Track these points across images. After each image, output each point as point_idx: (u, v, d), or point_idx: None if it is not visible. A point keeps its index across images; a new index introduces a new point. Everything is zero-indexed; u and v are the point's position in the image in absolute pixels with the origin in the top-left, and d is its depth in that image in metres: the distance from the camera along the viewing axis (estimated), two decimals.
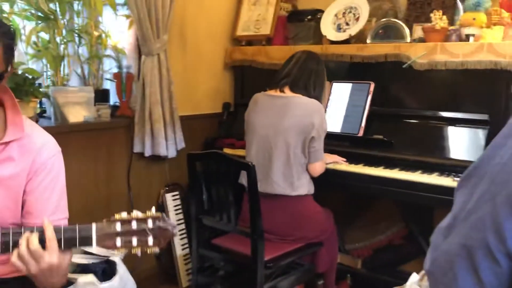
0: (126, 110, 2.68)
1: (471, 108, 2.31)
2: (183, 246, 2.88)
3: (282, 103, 2.26)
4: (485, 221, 0.62)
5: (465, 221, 0.65)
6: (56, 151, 1.46)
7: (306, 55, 2.36)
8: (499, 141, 0.67)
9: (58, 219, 1.43)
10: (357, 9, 2.79)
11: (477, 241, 0.62)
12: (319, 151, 2.23)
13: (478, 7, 2.35)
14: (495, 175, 0.63)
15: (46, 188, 1.42)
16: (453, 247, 0.66)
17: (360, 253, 2.81)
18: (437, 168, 2.28)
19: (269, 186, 2.23)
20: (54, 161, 1.44)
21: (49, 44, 2.52)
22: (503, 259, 0.61)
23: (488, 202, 0.63)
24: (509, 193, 0.60)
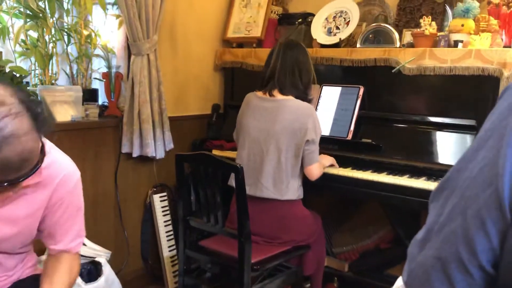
0: (115, 110, 2.66)
1: (459, 114, 2.33)
2: (170, 248, 2.86)
3: (273, 107, 2.25)
4: (457, 234, 0.63)
5: (438, 234, 0.66)
6: (74, 182, 1.37)
7: (284, 45, 2.32)
8: (469, 154, 0.68)
9: (77, 244, 1.43)
10: (347, 13, 2.80)
11: (450, 254, 0.63)
12: (313, 153, 2.22)
13: (466, 14, 2.37)
14: (464, 189, 0.64)
15: (68, 219, 1.38)
16: (428, 260, 0.67)
17: (347, 257, 2.82)
18: (424, 172, 2.29)
19: (258, 189, 2.22)
20: (73, 192, 1.37)
21: (38, 42, 2.50)
22: (476, 271, 0.62)
23: (459, 215, 0.64)
24: (479, 207, 0.61)
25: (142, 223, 2.84)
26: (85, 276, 2.18)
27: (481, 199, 0.61)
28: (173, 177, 2.45)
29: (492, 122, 0.66)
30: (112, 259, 2.39)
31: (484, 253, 0.61)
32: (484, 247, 0.61)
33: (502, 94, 0.68)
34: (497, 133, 0.63)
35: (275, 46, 2.37)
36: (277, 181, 2.21)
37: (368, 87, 2.57)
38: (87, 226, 2.54)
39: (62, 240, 1.39)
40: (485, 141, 0.65)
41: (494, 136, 0.63)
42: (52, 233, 1.38)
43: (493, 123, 0.65)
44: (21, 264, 1.45)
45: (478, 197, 0.62)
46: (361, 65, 2.59)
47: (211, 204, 2.17)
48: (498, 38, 2.31)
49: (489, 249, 0.61)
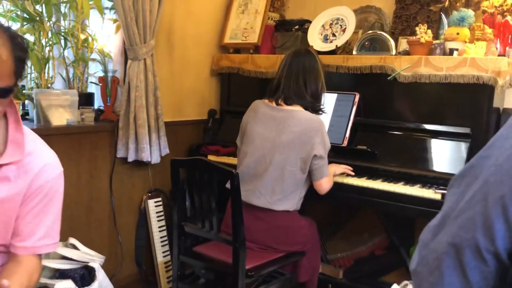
0: (111, 114, 2.66)
1: (454, 121, 2.34)
2: (164, 253, 2.85)
3: (281, 117, 2.22)
4: (475, 220, 0.62)
5: (456, 220, 0.66)
6: (56, 173, 1.38)
7: (291, 55, 2.30)
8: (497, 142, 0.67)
9: (47, 245, 1.38)
10: (344, 20, 2.82)
11: (466, 240, 0.63)
12: (322, 168, 2.19)
13: (462, 22, 2.39)
14: (489, 176, 0.64)
15: (40, 212, 1.35)
16: (441, 246, 0.66)
17: (341, 263, 2.82)
18: (419, 179, 2.30)
19: (255, 197, 2.21)
20: (52, 184, 1.37)
21: (34, 46, 2.50)
22: (491, 259, 0.62)
23: (480, 202, 0.63)
24: (502, 194, 0.61)
25: (136, 228, 2.83)
26: (78, 281, 2.16)
27: (505, 185, 0.61)
28: (168, 182, 2.45)
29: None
30: (106, 264, 2.38)
31: (503, 240, 0.60)
32: (504, 235, 0.60)
33: None
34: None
35: (285, 55, 2.35)
36: (276, 192, 2.19)
37: (364, 94, 2.58)
38: (81, 230, 2.54)
39: (30, 236, 1.34)
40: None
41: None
42: (21, 227, 1.33)
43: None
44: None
45: (502, 184, 0.61)
46: (357, 72, 2.60)
47: (206, 210, 2.17)
48: (492, 46, 2.33)
49: (508, 236, 0.60)
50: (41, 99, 2.37)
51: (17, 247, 1.35)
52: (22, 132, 1.31)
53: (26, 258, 1.36)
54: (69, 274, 2.19)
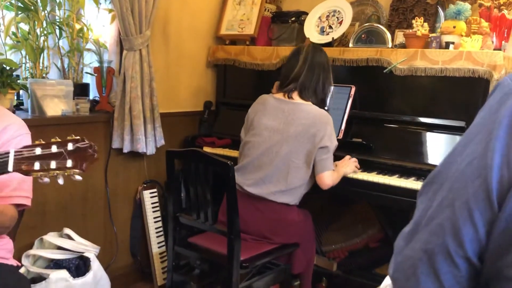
0: (106, 105, 2.65)
1: (449, 115, 2.35)
2: (159, 244, 2.86)
3: (290, 109, 2.23)
4: (444, 226, 0.64)
5: (426, 227, 0.67)
6: (22, 132, 1.44)
7: (313, 49, 2.31)
8: (459, 148, 0.69)
9: (21, 196, 1.44)
10: (340, 12, 2.81)
11: (437, 246, 0.64)
12: (326, 160, 2.18)
13: (458, 16, 2.39)
14: (453, 182, 0.66)
15: None
16: (414, 253, 0.68)
17: (336, 255, 2.83)
18: (414, 172, 2.31)
19: (258, 187, 2.21)
20: (20, 140, 1.42)
21: (29, 35, 2.48)
22: (462, 263, 0.63)
23: (447, 207, 0.65)
24: (467, 198, 0.62)
25: (131, 219, 2.84)
26: (73, 271, 2.17)
27: (469, 190, 0.62)
28: (164, 173, 2.45)
29: (481, 117, 0.67)
30: (101, 254, 2.38)
31: (471, 244, 0.62)
32: (471, 238, 0.62)
33: (493, 91, 0.69)
34: (486, 127, 0.64)
35: (299, 49, 2.33)
36: (280, 183, 2.19)
37: (360, 87, 2.58)
38: (76, 220, 2.54)
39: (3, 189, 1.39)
40: (475, 135, 0.66)
41: (484, 130, 0.65)
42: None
43: (482, 118, 0.67)
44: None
45: (466, 188, 0.63)
46: (353, 64, 2.60)
47: (201, 201, 2.17)
48: (488, 40, 2.33)
49: (476, 239, 0.62)
50: (36, 89, 2.36)
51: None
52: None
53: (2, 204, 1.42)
54: (64, 264, 2.20)
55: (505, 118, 0.61)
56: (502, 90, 0.65)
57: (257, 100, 2.38)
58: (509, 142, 0.60)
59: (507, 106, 0.62)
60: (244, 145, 2.35)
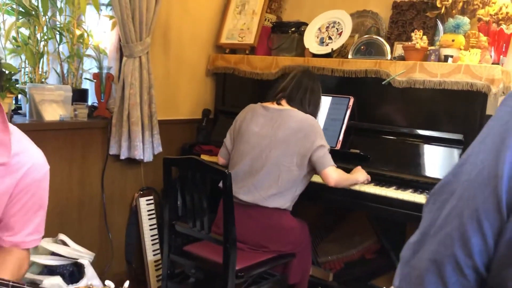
0: (104, 111, 2.65)
1: (447, 128, 2.36)
2: (154, 252, 2.84)
3: (278, 115, 2.26)
4: (453, 236, 0.64)
5: (434, 237, 0.67)
6: (43, 173, 1.37)
7: (301, 72, 2.40)
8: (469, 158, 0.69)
9: (35, 239, 1.40)
10: (340, 24, 2.83)
11: (446, 256, 0.64)
12: (324, 158, 2.17)
13: (457, 29, 2.41)
14: (463, 191, 0.65)
15: (29, 210, 1.36)
16: (422, 263, 0.67)
17: (332, 266, 2.82)
18: (411, 184, 2.31)
19: (250, 194, 2.22)
20: (40, 183, 1.36)
21: (29, 40, 2.48)
22: (471, 274, 0.63)
23: (456, 217, 0.64)
24: (476, 208, 0.62)
25: (127, 226, 2.82)
26: (67, 278, 2.15)
27: (478, 199, 0.62)
28: (161, 180, 2.44)
29: (492, 126, 0.67)
30: (96, 261, 2.36)
31: (480, 254, 0.62)
32: (480, 248, 0.62)
33: (504, 101, 0.69)
34: (497, 137, 0.64)
35: (292, 71, 2.45)
36: (272, 187, 2.20)
37: (358, 98, 2.59)
38: (72, 226, 2.52)
39: (20, 232, 1.36)
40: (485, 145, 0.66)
41: (495, 140, 0.64)
42: (12, 224, 1.34)
43: (493, 128, 0.67)
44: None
45: (475, 198, 0.62)
46: (352, 76, 2.61)
47: (198, 209, 2.16)
48: (487, 54, 2.35)
49: (485, 250, 0.62)
50: (35, 94, 2.35)
51: (6, 241, 1.36)
52: (8, 133, 1.28)
53: (15, 250, 1.38)
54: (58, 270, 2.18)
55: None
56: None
57: (244, 109, 2.41)
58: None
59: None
60: (234, 153, 2.36)
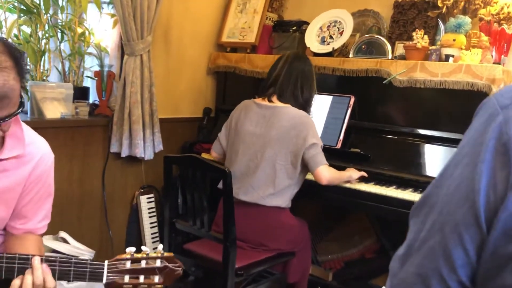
0: (105, 109, 2.65)
1: (447, 127, 2.35)
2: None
3: (271, 113, 2.25)
4: (436, 250, 0.65)
5: (419, 251, 0.68)
6: (51, 162, 1.44)
7: (292, 56, 2.33)
8: (447, 171, 0.69)
9: (44, 225, 1.47)
10: (341, 23, 2.83)
11: (431, 270, 0.65)
12: (317, 156, 2.16)
13: (458, 29, 2.41)
14: (443, 206, 0.66)
15: (40, 199, 1.42)
16: (409, 277, 0.68)
17: (332, 265, 2.82)
18: (411, 184, 2.31)
19: (249, 194, 2.22)
20: (49, 172, 1.43)
21: (31, 38, 2.49)
22: (456, 286, 0.63)
23: (438, 232, 0.65)
24: (456, 222, 0.63)
25: (127, 223, 2.83)
26: None
27: (458, 214, 0.62)
28: (161, 178, 2.44)
29: (468, 139, 0.67)
30: (96, 258, 2.37)
31: (463, 268, 0.62)
32: (463, 262, 0.62)
33: (478, 111, 0.69)
34: (473, 150, 0.64)
35: (282, 56, 2.37)
36: (269, 187, 2.20)
37: (359, 97, 2.59)
38: (72, 224, 2.53)
39: (32, 219, 1.41)
40: (462, 158, 0.66)
41: (470, 153, 0.64)
42: (24, 212, 1.39)
43: (469, 140, 0.66)
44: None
45: (455, 213, 0.63)
46: (353, 75, 2.61)
47: (198, 207, 2.17)
48: (488, 54, 2.35)
49: (468, 263, 0.62)
50: (36, 92, 2.36)
51: (19, 229, 1.41)
52: (20, 125, 1.33)
53: (30, 235, 1.43)
54: None
55: (491, 141, 0.61)
56: (488, 110, 0.65)
57: (238, 106, 2.40)
58: (495, 165, 0.60)
59: (493, 128, 0.62)
60: (229, 152, 2.36)
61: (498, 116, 0.62)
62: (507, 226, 0.57)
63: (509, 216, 0.57)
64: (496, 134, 0.61)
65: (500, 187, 0.59)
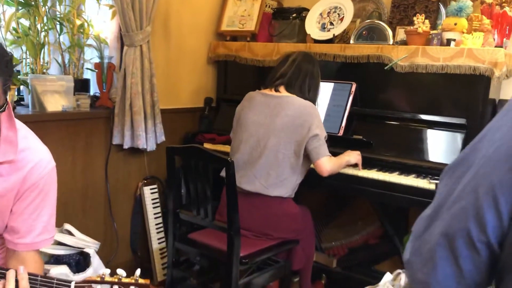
0: (106, 101, 2.65)
1: (450, 112, 2.35)
2: (159, 240, 2.86)
3: (276, 102, 2.24)
4: (467, 211, 0.63)
5: (449, 211, 0.67)
6: (49, 169, 1.36)
7: (302, 56, 2.35)
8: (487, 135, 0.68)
9: (45, 240, 1.39)
10: (341, 9, 2.80)
11: (459, 230, 0.64)
12: (320, 148, 2.17)
13: (460, 12, 2.39)
14: (479, 168, 0.65)
15: (36, 209, 1.35)
16: (434, 237, 0.67)
17: (335, 252, 2.84)
18: (414, 169, 2.31)
19: (251, 184, 2.22)
20: (46, 180, 1.35)
21: (30, 31, 2.48)
22: (483, 249, 0.63)
23: (472, 193, 0.64)
24: (492, 185, 0.62)
25: (132, 215, 2.84)
26: (73, 267, 2.18)
27: (495, 176, 0.62)
28: (164, 169, 2.45)
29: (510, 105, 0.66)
30: (101, 250, 2.39)
31: (494, 230, 0.62)
32: (494, 224, 0.61)
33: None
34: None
35: (292, 53, 2.38)
36: (271, 176, 2.20)
37: (361, 83, 2.58)
38: (77, 216, 2.54)
39: (30, 232, 1.34)
40: (504, 122, 0.65)
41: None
42: (20, 224, 1.33)
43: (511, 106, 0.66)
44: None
45: (492, 175, 0.62)
46: (354, 61, 2.60)
47: (201, 197, 2.17)
48: (490, 37, 2.33)
49: (499, 226, 0.61)
50: (36, 85, 2.36)
51: (17, 244, 1.35)
52: (15, 130, 1.28)
53: (28, 254, 1.37)
54: (64, 259, 2.20)
55: None
56: None
57: (244, 98, 2.40)
58: None
59: None
60: (233, 142, 2.36)
61: None
62: None
63: None
64: None
65: None
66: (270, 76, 2.37)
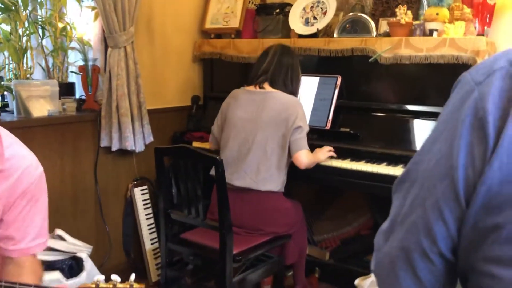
0: (93, 103, 2.64)
1: (435, 101, 2.37)
2: (152, 241, 2.86)
3: (262, 98, 2.28)
4: (417, 224, 0.66)
5: (401, 225, 0.70)
6: (37, 174, 1.34)
7: (281, 49, 2.39)
8: (427, 146, 0.70)
9: (39, 244, 1.38)
10: (324, 3, 2.81)
11: (413, 244, 0.67)
12: (300, 140, 2.22)
13: (441, 2, 2.41)
14: (423, 181, 0.67)
15: (28, 214, 1.33)
16: (392, 250, 0.70)
17: (328, 244, 2.86)
18: (402, 160, 2.33)
19: (242, 179, 2.24)
20: (36, 185, 1.33)
21: (11, 36, 2.45)
22: (437, 259, 0.66)
23: (419, 206, 0.67)
24: (437, 198, 0.64)
25: (123, 216, 2.83)
26: (66, 272, 2.17)
27: (438, 190, 0.64)
28: (153, 170, 2.45)
29: (446, 114, 0.68)
30: (94, 253, 2.38)
31: (444, 241, 0.64)
32: (443, 235, 0.64)
33: (454, 88, 0.70)
34: (450, 125, 0.65)
35: (270, 48, 2.41)
36: (261, 171, 2.22)
37: (346, 76, 2.59)
38: (68, 221, 2.53)
39: (24, 238, 1.33)
40: (441, 133, 0.67)
41: (448, 129, 0.65)
42: (13, 231, 1.32)
43: (446, 116, 0.68)
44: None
45: (435, 188, 0.64)
46: (339, 55, 2.61)
47: (192, 196, 2.18)
48: (471, 26, 2.35)
49: (448, 236, 0.64)
50: (21, 90, 2.33)
51: (11, 250, 1.34)
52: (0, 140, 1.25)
53: (24, 259, 1.36)
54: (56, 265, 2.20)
55: (467, 117, 0.62)
56: (463, 87, 0.66)
57: (229, 95, 2.43)
58: (472, 140, 0.61)
59: (468, 105, 0.63)
60: (221, 139, 2.38)
61: (473, 92, 0.63)
62: (485, 200, 0.59)
63: (487, 190, 0.58)
64: (472, 110, 0.62)
65: (477, 162, 0.60)
66: (252, 73, 2.39)
